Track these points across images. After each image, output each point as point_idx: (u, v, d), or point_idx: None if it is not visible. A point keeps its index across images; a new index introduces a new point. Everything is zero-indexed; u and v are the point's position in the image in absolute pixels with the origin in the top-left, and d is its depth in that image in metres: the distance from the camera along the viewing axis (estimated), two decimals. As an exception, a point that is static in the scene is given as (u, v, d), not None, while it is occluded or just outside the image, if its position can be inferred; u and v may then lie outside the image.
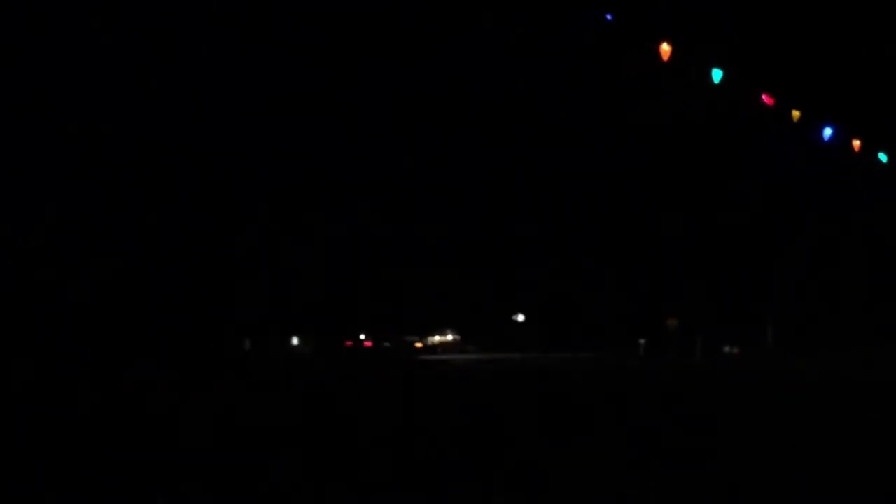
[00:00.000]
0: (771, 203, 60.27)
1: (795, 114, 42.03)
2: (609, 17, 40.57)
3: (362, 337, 58.34)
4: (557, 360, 51.10)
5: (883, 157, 44.88)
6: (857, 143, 43.59)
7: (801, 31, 50.92)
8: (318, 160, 58.30)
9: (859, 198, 56.30)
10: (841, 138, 43.48)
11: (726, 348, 61.30)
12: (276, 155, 58.00)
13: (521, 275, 62.33)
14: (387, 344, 58.71)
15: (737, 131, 52.55)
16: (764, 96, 41.37)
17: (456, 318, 63.10)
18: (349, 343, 58.27)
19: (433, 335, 65.41)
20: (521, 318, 64.74)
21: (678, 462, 14.14)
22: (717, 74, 40.50)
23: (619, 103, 57.38)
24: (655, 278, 61.53)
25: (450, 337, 66.49)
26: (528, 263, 62.27)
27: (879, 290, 60.69)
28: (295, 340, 57.35)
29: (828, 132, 43.33)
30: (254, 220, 55.74)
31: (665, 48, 39.04)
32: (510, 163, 61.34)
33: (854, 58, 51.23)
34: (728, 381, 33.86)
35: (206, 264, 52.40)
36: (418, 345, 60.19)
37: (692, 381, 34.42)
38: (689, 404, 24.40)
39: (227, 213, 54.80)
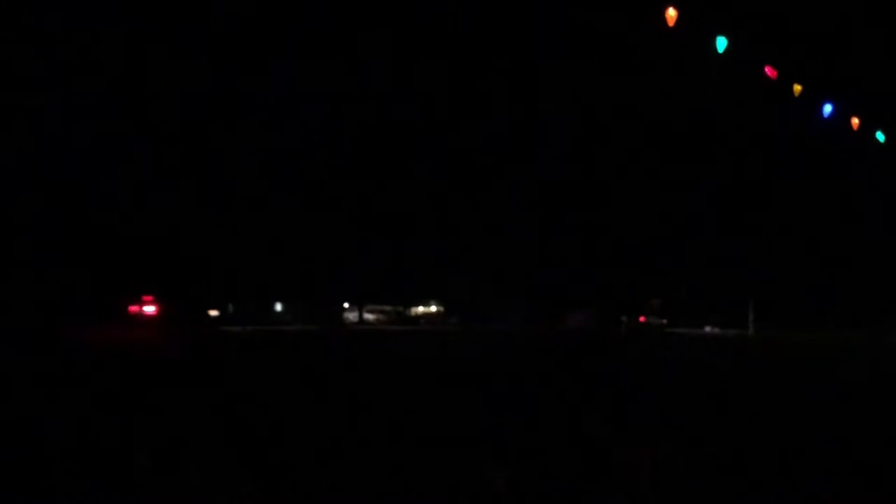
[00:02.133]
0: (760, 184, 57.75)
1: (797, 88, 38.91)
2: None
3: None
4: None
5: (881, 136, 41.91)
6: (855, 122, 40.57)
7: (806, 4, 48.28)
8: (313, 134, 55.19)
9: (856, 176, 53.85)
10: (840, 116, 40.43)
11: (707, 328, 59.56)
12: (269, 126, 55.15)
13: (507, 249, 59.23)
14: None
15: (738, 104, 49.88)
16: (767, 69, 38.16)
17: (440, 289, 60.48)
18: (642, 318, 58.51)
19: (417, 306, 62.96)
20: None
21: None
22: (721, 43, 37.21)
23: (613, 75, 54.49)
24: (640, 257, 58.76)
25: (433, 308, 64.02)
26: (514, 237, 59.30)
27: (865, 273, 58.23)
28: (279, 306, 54.38)
29: (827, 109, 40.23)
30: (243, 186, 52.55)
31: (671, 13, 35.78)
32: (502, 143, 58.35)
33: (857, 35, 48.77)
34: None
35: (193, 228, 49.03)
36: (664, 321, 60.12)
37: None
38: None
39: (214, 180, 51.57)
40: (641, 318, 58.30)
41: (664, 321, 59.35)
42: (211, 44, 54.04)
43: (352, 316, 60.99)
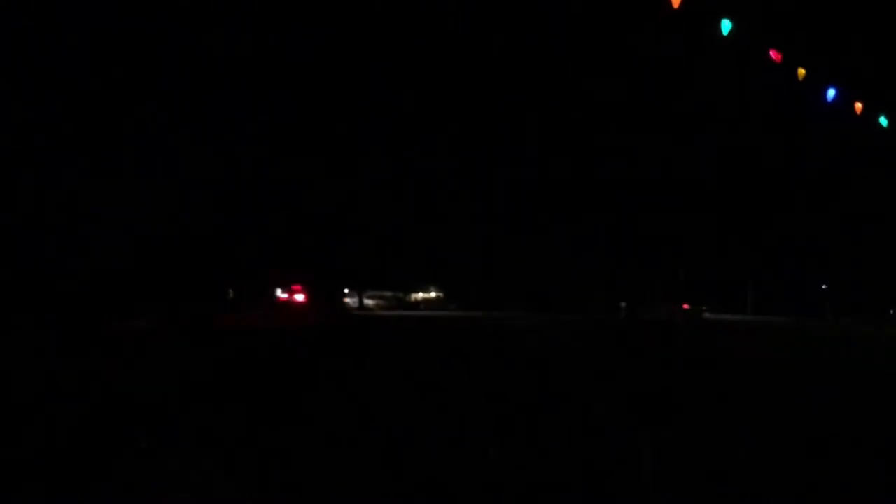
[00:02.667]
0: (760, 169, 57.07)
1: (801, 72, 38.03)
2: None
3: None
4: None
5: (884, 121, 41.01)
6: (859, 106, 39.69)
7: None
8: (312, 118, 54.59)
9: (854, 162, 53.13)
10: (843, 101, 39.53)
11: (706, 314, 59.25)
12: (269, 107, 54.64)
13: (506, 234, 58.64)
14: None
15: (740, 87, 49.19)
16: (771, 52, 37.26)
17: (439, 275, 60.09)
18: (685, 305, 57.64)
19: (416, 292, 62.39)
20: None
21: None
22: (725, 26, 36.37)
23: (616, 51, 53.79)
24: (642, 242, 58.24)
25: (433, 294, 63.57)
26: (512, 224, 58.72)
27: (867, 263, 57.59)
28: (279, 292, 53.57)
29: (831, 93, 39.32)
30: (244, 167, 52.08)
31: (676, -6, 34.94)
32: (499, 118, 57.64)
33: (863, 20, 48.04)
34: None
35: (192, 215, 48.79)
36: (703, 307, 60.01)
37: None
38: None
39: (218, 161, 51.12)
40: (685, 305, 57.86)
41: (703, 308, 59.01)
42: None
43: (352, 301, 60.49)
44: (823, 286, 56.73)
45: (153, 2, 52.81)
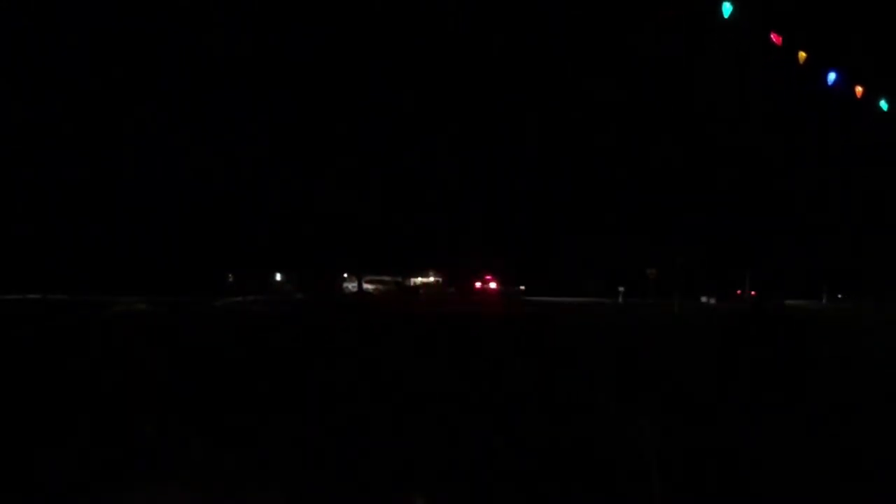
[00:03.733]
0: (758, 154, 56.84)
1: (802, 55, 37.81)
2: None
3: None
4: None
5: (884, 105, 40.78)
6: (859, 90, 39.46)
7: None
8: (310, 96, 54.36)
9: (859, 145, 52.80)
10: (844, 84, 39.31)
11: (703, 298, 58.90)
12: (268, 94, 54.43)
13: (505, 222, 58.45)
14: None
15: (739, 72, 48.97)
16: (772, 35, 37.06)
17: (438, 260, 60.07)
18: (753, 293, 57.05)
19: (416, 277, 62.24)
20: None
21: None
22: (726, 9, 36.15)
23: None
24: (639, 229, 57.95)
25: (432, 279, 63.46)
26: (512, 211, 58.58)
27: (865, 247, 57.36)
28: (278, 276, 53.32)
29: (832, 77, 39.11)
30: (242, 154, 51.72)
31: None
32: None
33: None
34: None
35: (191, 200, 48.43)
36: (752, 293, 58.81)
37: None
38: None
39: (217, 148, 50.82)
40: (738, 292, 57.76)
41: (752, 293, 58.45)
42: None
43: (351, 286, 60.21)
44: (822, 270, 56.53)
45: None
